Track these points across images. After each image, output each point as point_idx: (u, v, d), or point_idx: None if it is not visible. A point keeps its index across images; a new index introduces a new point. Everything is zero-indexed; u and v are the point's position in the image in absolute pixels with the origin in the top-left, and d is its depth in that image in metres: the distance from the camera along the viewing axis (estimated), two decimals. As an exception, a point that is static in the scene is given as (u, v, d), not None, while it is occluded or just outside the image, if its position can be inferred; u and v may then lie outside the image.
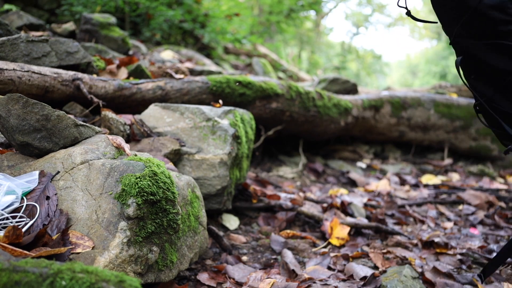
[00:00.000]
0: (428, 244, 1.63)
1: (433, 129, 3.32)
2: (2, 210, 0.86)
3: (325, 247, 1.56)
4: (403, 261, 1.46)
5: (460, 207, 2.25)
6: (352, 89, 3.46)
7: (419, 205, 2.24)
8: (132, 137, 1.46)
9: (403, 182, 2.77)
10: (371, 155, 3.37)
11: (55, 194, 0.93)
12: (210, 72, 2.80)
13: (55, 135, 1.05)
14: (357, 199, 2.15)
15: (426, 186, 2.74)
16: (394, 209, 2.09)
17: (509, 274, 1.35)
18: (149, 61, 2.56)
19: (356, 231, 1.69)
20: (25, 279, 0.54)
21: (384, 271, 1.33)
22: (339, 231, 1.66)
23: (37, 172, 0.98)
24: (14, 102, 1.00)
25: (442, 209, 2.19)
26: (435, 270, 1.36)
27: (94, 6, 3.97)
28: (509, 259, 1.45)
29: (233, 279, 1.22)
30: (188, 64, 2.94)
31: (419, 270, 1.38)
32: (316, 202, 2.09)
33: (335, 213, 1.85)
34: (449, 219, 2.06)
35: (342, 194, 2.26)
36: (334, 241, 1.58)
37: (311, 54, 11.10)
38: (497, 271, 1.37)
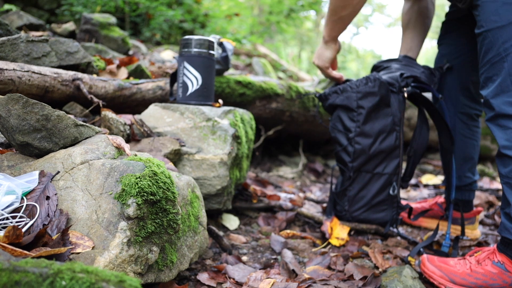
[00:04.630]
0: (428, 244, 1.63)
1: (433, 129, 3.33)
2: (2, 210, 0.86)
3: (325, 247, 1.56)
4: (403, 261, 1.46)
5: (460, 207, 2.25)
6: (352, 89, 3.45)
7: (419, 205, 2.24)
8: (132, 137, 1.46)
9: (403, 182, 2.77)
10: (371, 155, 3.37)
11: (55, 194, 0.93)
12: (210, 72, 2.80)
13: (55, 135, 1.05)
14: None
15: (426, 186, 2.74)
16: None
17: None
18: (149, 61, 2.56)
19: (356, 231, 1.69)
20: (25, 279, 0.54)
21: (384, 271, 1.33)
22: (339, 231, 1.66)
23: (37, 172, 0.98)
24: (14, 102, 1.00)
25: (442, 209, 2.18)
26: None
27: (94, 6, 3.97)
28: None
29: (233, 279, 1.22)
30: (188, 64, 2.93)
31: (419, 270, 1.38)
32: (316, 202, 2.09)
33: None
34: (449, 219, 2.06)
35: (342, 194, 2.26)
36: (334, 241, 1.58)
37: (311, 54, 11.09)
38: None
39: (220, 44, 1.94)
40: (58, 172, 0.99)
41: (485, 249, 1.29)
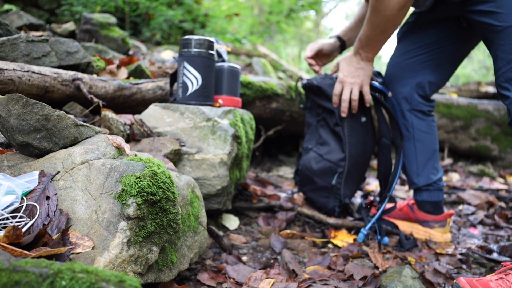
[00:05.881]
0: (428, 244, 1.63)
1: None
2: (2, 210, 0.86)
3: (325, 247, 1.56)
4: (403, 261, 1.46)
5: (460, 207, 2.25)
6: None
7: (419, 205, 2.23)
8: (132, 137, 1.46)
9: (403, 182, 2.77)
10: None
11: (55, 194, 0.94)
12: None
13: (55, 135, 1.05)
14: (357, 199, 2.15)
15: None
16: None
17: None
18: (149, 61, 2.56)
19: (356, 231, 1.69)
20: (25, 279, 0.54)
21: (384, 271, 1.33)
22: (339, 231, 1.66)
23: (37, 172, 0.98)
24: (14, 102, 1.00)
25: (442, 209, 2.18)
26: (435, 271, 1.36)
27: (94, 6, 3.97)
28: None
29: (233, 279, 1.22)
30: (188, 64, 2.93)
31: (419, 270, 1.38)
32: (316, 202, 2.09)
33: (335, 213, 1.85)
34: (449, 219, 2.06)
35: (342, 194, 2.26)
36: (334, 241, 1.58)
37: (311, 54, 11.08)
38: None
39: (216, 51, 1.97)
40: (58, 172, 0.99)
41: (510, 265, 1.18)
